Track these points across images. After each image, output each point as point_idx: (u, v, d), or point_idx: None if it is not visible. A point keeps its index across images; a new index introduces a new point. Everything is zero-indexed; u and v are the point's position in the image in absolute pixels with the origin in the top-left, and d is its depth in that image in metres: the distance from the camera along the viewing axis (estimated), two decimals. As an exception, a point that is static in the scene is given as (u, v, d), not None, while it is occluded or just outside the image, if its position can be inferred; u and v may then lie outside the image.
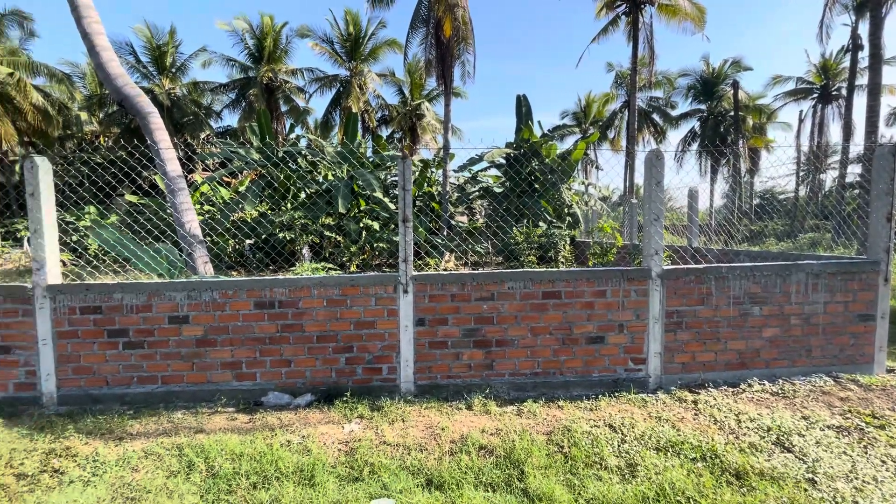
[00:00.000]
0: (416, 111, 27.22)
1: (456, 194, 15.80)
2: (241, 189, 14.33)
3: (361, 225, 13.59)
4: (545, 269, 5.35)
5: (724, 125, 29.99)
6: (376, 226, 13.50)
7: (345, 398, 3.56)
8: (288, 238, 12.75)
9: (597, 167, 23.49)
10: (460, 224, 15.94)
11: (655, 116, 32.51)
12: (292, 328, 3.68)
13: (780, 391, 3.68)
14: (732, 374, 3.91)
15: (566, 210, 13.37)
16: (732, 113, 27.75)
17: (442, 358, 3.75)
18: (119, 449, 2.92)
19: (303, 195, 14.20)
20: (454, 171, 15.81)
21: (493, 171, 15.34)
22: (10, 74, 21.93)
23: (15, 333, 3.56)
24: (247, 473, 2.57)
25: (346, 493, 2.39)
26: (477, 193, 15.28)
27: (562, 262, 10.04)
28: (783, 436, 2.93)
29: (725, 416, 3.23)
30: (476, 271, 3.80)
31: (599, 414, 3.32)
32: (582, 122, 34.80)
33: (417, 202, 14.89)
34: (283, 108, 26.61)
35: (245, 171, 15.19)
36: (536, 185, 12.89)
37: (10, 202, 24.12)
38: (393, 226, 13.64)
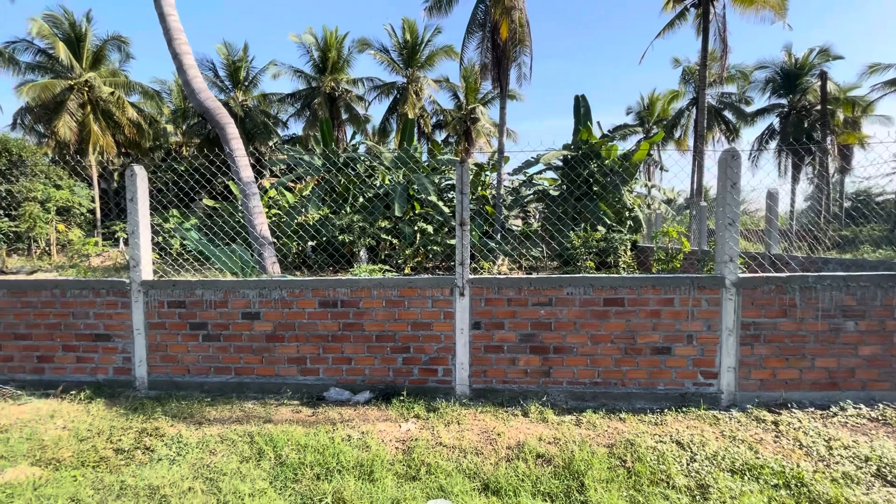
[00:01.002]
0: (471, 115, 27.33)
1: (510, 197, 15.65)
2: (305, 193, 15.13)
3: (416, 228, 13.86)
4: (606, 274, 5.16)
5: (809, 120, 27.32)
6: (430, 229, 13.70)
7: (401, 397, 3.63)
8: (347, 240, 13.28)
9: (661, 168, 22.26)
10: (514, 227, 15.76)
11: (727, 113, 30.29)
12: (353, 327, 3.82)
13: (880, 417, 3.27)
14: (821, 395, 3.53)
15: (627, 213, 12.79)
16: (819, 107, 25.22)
17: (497, 362, 3.72)
18: (199, 432, 3.17)
19: (361, 199, 14.73)
20: (509, 174, 15.69)
21: (550, 174, 15.02)
22: (112, 93, 24.73)
23: (115, 323, 3.99)
24: (311, 464, 2.69)
25: (405, 491, 2.44)
26: (532, 196, 15.03)
27: (623, 268, 9.61)
28: (885, 467, 2.60)
29: (813, 441, 2.92)
30: (533, 275, 3.74)
31: (665, 429, 3.14)
32: (645, 121, 33.21)
33: (471, 205, 14.92)
34: (344, 116, 27.80)
35: (309, 177, 16.05)
36: (595, 188, 12.45)
37: (110, 207, 27.12)
38: (447, 229, 13.77)
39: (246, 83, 28.47)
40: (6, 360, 4.09)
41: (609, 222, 11.70)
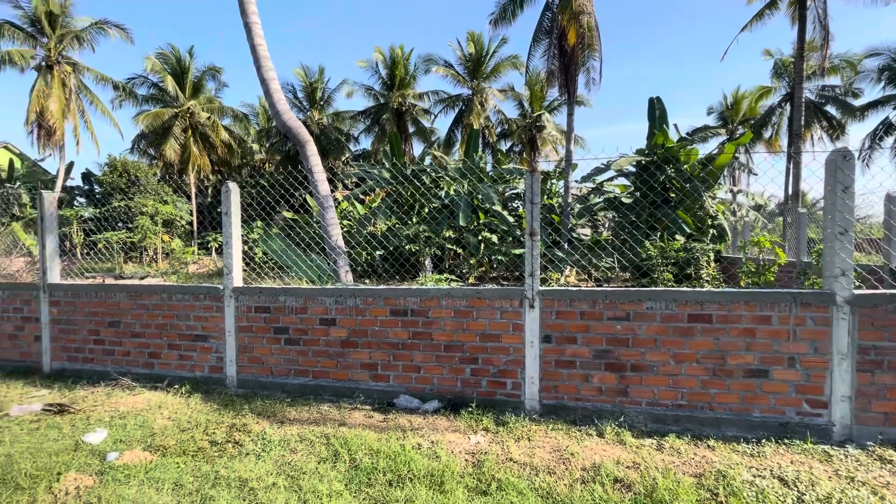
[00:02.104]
0: (536, 123, 26.97)
1: (578, 206, 15.14)
2: (374, 205, 15.78)
3: (480, 238, 13.86)
4: (688, 287, 4.78)
5: (937, 111, 23.54)
6: (495, 238, 13.62)
7: (470, 409, 3.61)
8: (413, 250, 13.60)
9: (749, 172, 20.33)
10: (583, 237, 15.19)
11: (830, 108, 27.01)
12: (422, 336, 3.88)
13: None
14: (966, 436, 2.97)
15: (710, 221, 11.82)
16: (949, 95, 21.67)
17: (569, 378, 3.58)
18: (281, 431, 3.38)
19: (427, 210, 15.05)
20: (577, 181, 15.21)
21: (621, 181, 14.34)
22: (208, 118, 27.64)
23: (210, 325, 4.40)
24: (383, 470, 2.75)
25: (475, 506, 2.41)
26: (602, 204, 14.43)
27: (706, 281, 8.85)
28: None
29: (958, 491, 2.46)
30: (608, 288, 3.56)
31: (764, 462, 2.81)
32: (729, 121, 30.65)
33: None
34: (411, 130, 28.71)
35: (378, 189, 16.73)
36: (672, 195, 11.66)
37: (205, 219, 30.15)
38: (511, 239, 13.61)
39: (321, 103, 30.48)
40: (124, 355, 4.67)
41: (689, 231, 10.88)
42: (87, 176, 31.78)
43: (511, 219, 13.73)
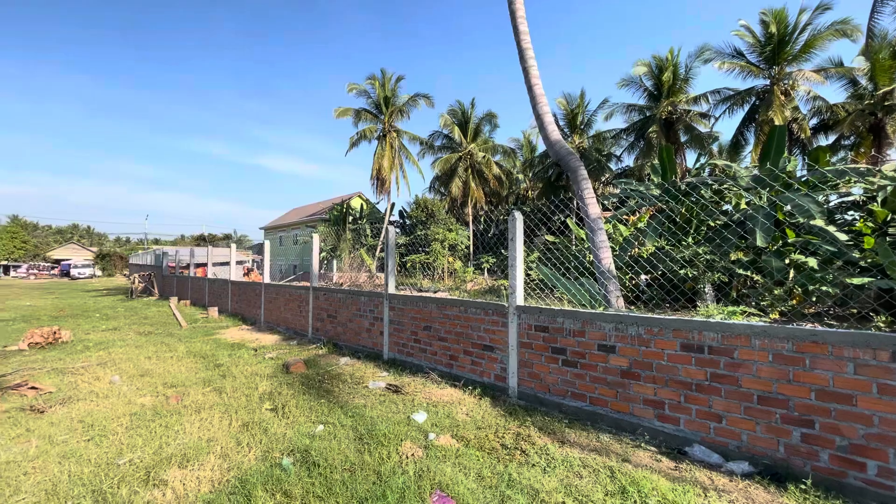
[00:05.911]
0: (883, 103, 19.37)
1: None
2: (640, 226, 14.61)
3: (788, 261, 10.79)
4: None
5: None
6: (813, 263, 10.34)
7: (803, 486, 2.78)
8: (689, 275, 11.81)
9: None
10: None
11: None
12: (724, 379, 3.27)
13: None
14: None
15: None
16: None
17: None
18: (561, 451, 3.45)
19: (706, 228, 12.87)
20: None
21: None
22: (483, 157, 32.10)
23: (496, 338, 4.97)
24: (684, 528, 2.41)
25: None
26: None
27: None
28: None
29: None
30: None
31: None
32: None
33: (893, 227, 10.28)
34: (683, 139, 25.50)
35: (643, 208, 15.48)
36: None
37: (478, 243, 34.84)
38: (841, 263, 10.02)
39: (581, 126, 30.82)
40: (433, 354, 5.80)
41: None
42: (401, 213, 41.92)
43: (842, 237, 10.17)
